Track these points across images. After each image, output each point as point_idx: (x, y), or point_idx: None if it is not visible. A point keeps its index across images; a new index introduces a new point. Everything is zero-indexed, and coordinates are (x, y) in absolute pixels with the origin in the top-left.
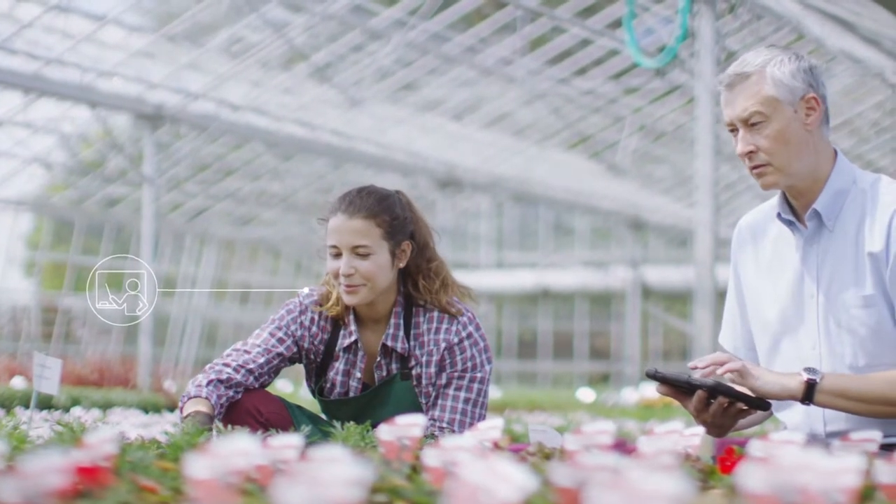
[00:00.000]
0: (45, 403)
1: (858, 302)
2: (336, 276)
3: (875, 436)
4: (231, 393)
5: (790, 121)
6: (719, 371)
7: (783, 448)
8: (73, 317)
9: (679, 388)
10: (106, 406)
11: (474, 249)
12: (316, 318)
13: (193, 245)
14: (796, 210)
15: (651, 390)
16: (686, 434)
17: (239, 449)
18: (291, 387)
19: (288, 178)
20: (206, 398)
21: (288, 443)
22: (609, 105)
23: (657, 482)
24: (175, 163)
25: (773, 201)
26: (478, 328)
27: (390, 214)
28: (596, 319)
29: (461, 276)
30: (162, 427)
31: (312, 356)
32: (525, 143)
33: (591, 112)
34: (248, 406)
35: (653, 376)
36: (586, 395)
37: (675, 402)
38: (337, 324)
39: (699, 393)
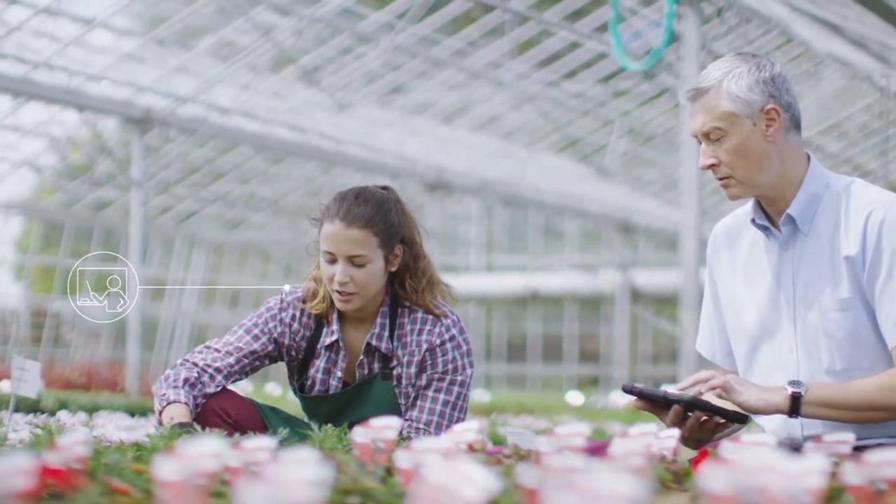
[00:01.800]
0: (33, 407)
1: (835, 305)
2: (331, 280)
3: (848, 438)
4: (198, 391)
5: (749, 134)
6: (703, 388)
7: (750, 450)
8: (62, 320)
9: (656, 402)
10: (93, 409)
11: (464, 253)
12: (297, 314)
13: (183, 249)
14: (770, 215)
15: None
16: (661, 436)
17: (206, 451)
18: (280, 390)
19: (277, 181)
20: (186, 403)
21: (259, 444)
22: (598, 108)
23: (613, 483)
24: (164, 166)
25: (748, 206)
26: (461, 331)
27: (386, 222)
28: (585, 323)
29: (451, 280)
30: (146, 430)
31: (294, 353)
32: (514, 147)
33: (580, 115)
34: (215, 408)
35: (629, 391)
36: (575, 398)
37: None
38: (320, 321)
39: (675, 407)
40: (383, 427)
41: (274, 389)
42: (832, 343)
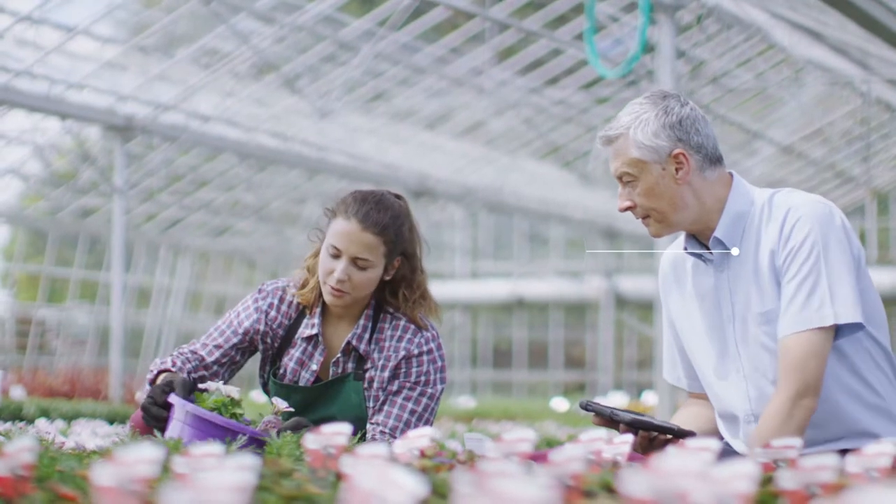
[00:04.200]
0: (14, 415)
1: (763, 318)
2: (328, 274)
3: (795, 443)
4: (188, 370)
5: (659, 178)
6: None
7: (683, 455)
8: (47, 328)
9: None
10: (73, 417)
11: (449, 259)
12: (276, 303)
13: (167, 256)
14: (703, 241)
15: (622, 400)
16: (615, 442)
17: (143, 457)
18: (265, 398)
19: (261, 189)
20: (175, 371)
21: (207, 451)
22: (580, 115)
23: (521, 487)
24: (148, 174)
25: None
26: (439, 347)
27: (397, 234)
28: (570, 329)
29: (436, 286)
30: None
31: (269, 340)
32: (497, 153)
33: (563, 122)
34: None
35: (584, 407)
36: (560, 404)
37: None
38: (302, 312)
39: (621, 425)
40: (334, 433)
41: (259, 397)
42: (772, 355)
